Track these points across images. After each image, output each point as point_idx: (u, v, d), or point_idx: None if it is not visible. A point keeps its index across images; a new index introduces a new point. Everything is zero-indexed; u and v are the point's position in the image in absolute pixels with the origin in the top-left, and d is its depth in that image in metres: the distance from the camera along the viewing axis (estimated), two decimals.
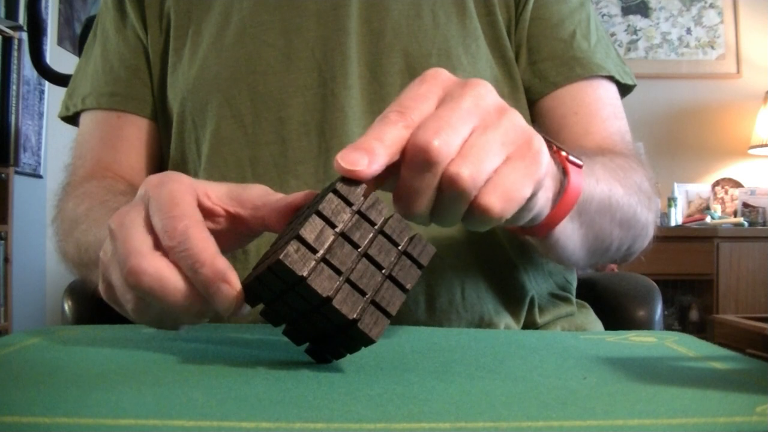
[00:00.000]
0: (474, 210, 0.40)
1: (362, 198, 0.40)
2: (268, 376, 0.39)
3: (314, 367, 0.42)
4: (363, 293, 0.38)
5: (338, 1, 0.72)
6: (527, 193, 0.42)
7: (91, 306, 0.75)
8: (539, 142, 0.42)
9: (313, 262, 0.37)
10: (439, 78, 0.43)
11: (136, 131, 0.78)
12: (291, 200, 0.45)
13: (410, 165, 0.40)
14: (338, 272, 0.38)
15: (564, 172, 0.50)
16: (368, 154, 0.39)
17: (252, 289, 0.41)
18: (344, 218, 0.39)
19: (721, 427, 0.30)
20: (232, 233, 0.47)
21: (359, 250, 0.39)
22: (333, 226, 0.38)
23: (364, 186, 0.40)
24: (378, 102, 0.70)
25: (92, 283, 0.70)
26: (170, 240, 0.41)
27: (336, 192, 0.39)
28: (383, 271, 0.39)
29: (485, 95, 0.42)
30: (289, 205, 0.45)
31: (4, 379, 0.39)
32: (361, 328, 0.38)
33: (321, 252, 0.38)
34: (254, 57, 0.71)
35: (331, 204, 0.39)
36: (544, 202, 0.47)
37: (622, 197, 0.62)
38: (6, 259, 2.43)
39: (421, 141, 0.39)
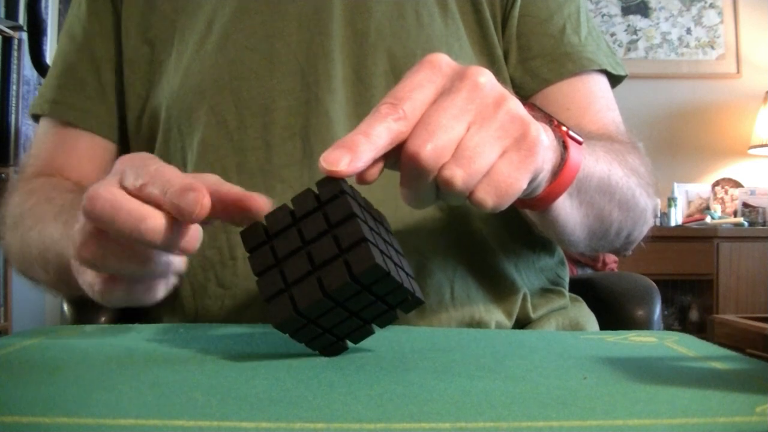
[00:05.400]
0: (471, 202, 0.42)
1: (338, 196, 0.40)
2: (268, 376, 0.39)
3: (314, 367, 0.42)
4: (285, 281, 0.41)
5: (320, 5, 0.71)
6: (523, 185, 0.42)
7: (91, 306, 0.75)
8: (536, 130, 0.42)
9: (261, 241, 0.42)
10: (437, 65, 0.42)
11: (83, 141, 0.78)
12: (237, 193, 0.43)
13: (405, 170, 0.41)
14: (275, 256, 0.41)
15: (564, 146, 0.50)
16: (351, 152, 0.39)
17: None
18: (307, 212, 0.41)
19: (721, 427, 0.30)
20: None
21: (302, 242, 0.41)
22: (294, 217, 0.41)
23: (340, 184, 0.40)
24: (363, 104, 0.69)
25: (32, 278, 0.72)
26: (143, 179, 0.41)
27: (318, 185, 0.41)
28: (313, 268, 0.41)
29: (483, 85, 0.41)
30: (236, 198, 0.43)
31: (4, 379, 0.39)
32: (269, 308, 0.41)
33: (271, 234, 0.42)
34: (237, 63, 0.71)
35: (301, 196, 0.41)
36: (542, 176, 0.47)
37: (622, 178, 0.62)
38: (6, 259, 2.43)
39: (412, 150, 0.40)
